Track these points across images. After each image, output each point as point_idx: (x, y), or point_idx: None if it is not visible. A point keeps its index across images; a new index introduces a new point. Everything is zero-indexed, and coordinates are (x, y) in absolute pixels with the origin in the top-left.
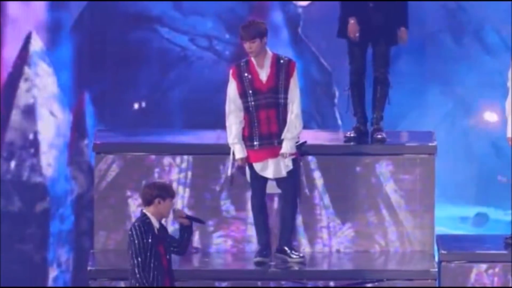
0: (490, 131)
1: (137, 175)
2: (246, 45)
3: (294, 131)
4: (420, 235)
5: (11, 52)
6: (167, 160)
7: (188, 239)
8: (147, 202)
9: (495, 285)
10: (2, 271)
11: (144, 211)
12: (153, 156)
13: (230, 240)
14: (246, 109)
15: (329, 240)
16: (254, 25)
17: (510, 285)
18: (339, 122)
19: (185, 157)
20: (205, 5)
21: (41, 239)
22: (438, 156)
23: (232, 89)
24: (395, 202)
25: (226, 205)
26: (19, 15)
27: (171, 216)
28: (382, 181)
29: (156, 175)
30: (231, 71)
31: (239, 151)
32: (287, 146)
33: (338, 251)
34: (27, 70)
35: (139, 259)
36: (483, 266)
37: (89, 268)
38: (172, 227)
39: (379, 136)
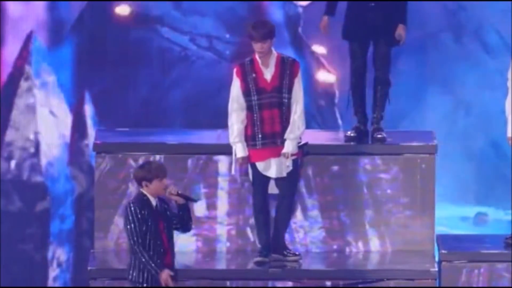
0: (490, 130)
1: None
2: (257, 46)
3: (296, 131)
4: (420, 234)
5: (11, 51)
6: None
7: (186, 216)
8: (138, 183)
9: (495, 284)
10: (2, 270)
11: (141, 189)
12: (155, 156)
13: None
14: (250, 108)
15: (328, 239)
16: (265, 25)
17: (510, 285)
18: (339, 121)
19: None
20: (205, 5)
21: (41, 238)
22: (438, 155)
23: (235, 87)
24: (395, 202)
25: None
26: (19, 15)
27: None
28: (382, 181)
29: None
30: (235, 70)
31: (240, 150)
32: (289, 146)
33: (337, 250)
34: (27, 69)
35: (137, 233)
36: (484, 265)
37: (89, 267)
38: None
39: (379, 136)
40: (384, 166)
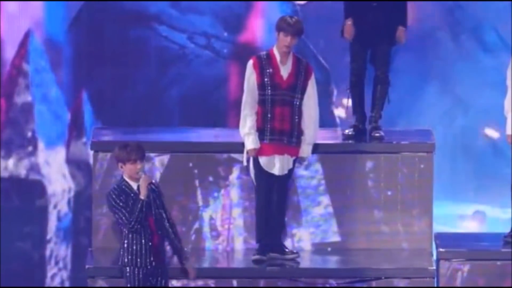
0: (488, 129)
1: None
2: (287, 39)
3: (314, 136)
4: (418, 233)
5: (9, 50)
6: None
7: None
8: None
9: (494, 283)
10: (0, 268)
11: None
12: (151, 154)
13: None
14: (262, 102)
15: (328, 237)
16: (300, 21)
17: (509, 284)
18: (337, 120)
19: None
20: (203, 3)
21: (39, 237)
22: (436, 154)
23: (251, 80)
24: (394, 200)
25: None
26: (17, 13)
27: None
28: (381, 179)
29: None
30: (251, 62)
31: (252, 141)
32: (309, 151)
33: (335, 248)
34: (25, 67)
35: (124, 216)
36: (482, 264)
37: (87, 266)
38: None
39: (377, 135)
40: (382, 164)
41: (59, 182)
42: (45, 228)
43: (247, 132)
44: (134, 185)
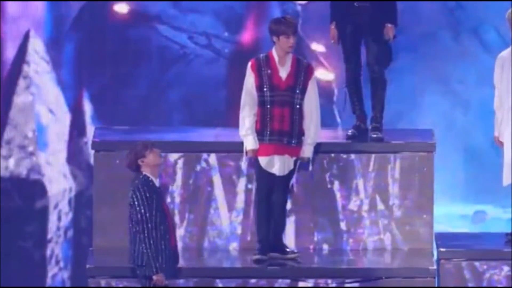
0: (488, 128)
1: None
2: (290, 40)
3: (315, 137)
4: (419, 233)
5: (10, 50)
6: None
7: None
8: (136, 169)
9: (494, 283)
10: (1, 268)
11: (140, 175)
12: None
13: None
14: (261, 103)
15: (326, 237)
16: (293, 19)
17: (510, 284)
18: (338, 119)
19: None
20: (204, 3)
21: (40, 236)
22: (437, 154)
23: (249, 82)
24: (394, 200)
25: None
26: (18, 13)
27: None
28: (381, 179)
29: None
30: (250, 64)
31: (251, 142)
32: (309, 152)
33: (336, 248)
34: (26, 67)
35: (147, 215)
36: (482, 264)
37: (87, 266)
38: None
39: (375, 136)
40: (383, 164)
41: (60, 182)
42: (46, 227)
43: (245, 133)
44: (156, 182)
